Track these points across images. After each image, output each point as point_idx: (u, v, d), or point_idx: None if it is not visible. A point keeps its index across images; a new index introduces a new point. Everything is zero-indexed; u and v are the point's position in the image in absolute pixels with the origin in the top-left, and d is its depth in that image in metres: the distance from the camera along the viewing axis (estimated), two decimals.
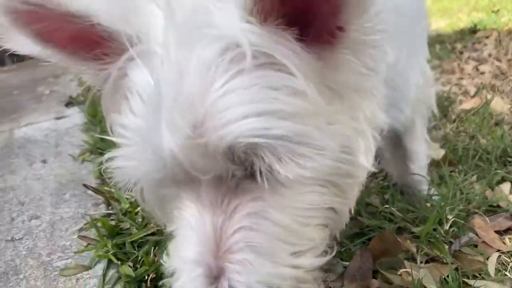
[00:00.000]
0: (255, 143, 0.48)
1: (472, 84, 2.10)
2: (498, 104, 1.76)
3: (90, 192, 1.37)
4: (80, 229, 1.18)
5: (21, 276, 1.04)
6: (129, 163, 0.55)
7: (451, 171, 1.29)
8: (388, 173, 1.27)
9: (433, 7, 3.94)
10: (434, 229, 1.00)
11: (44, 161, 1.76)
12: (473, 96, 1.92)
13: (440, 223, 1.01)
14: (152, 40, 0.53)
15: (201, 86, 0.49)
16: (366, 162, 0.59)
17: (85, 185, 1.33)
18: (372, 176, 1.31)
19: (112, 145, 0.58)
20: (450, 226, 1.00)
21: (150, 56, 0.53)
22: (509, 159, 1.33)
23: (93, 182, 1.48)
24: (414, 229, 1.00)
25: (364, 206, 1.12)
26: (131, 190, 0.61)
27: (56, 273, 1.03)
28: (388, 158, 1.20)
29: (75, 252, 1.08)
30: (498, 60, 2.38)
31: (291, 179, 0.52)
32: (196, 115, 0.48)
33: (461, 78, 2.23)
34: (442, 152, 1.33)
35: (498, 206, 1.12)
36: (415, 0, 0.98)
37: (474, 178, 1.24)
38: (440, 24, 3.44)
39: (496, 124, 1.62)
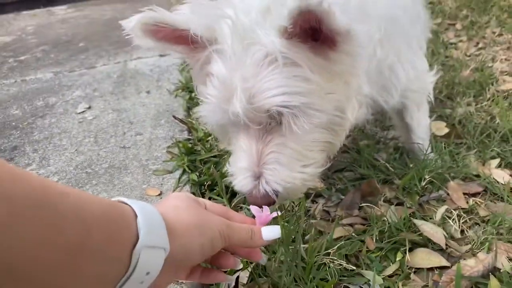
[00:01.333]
0: (281, 109, 0.84)
1: None
2: None
3: (177, 121, 1.87)
4: (168, 147, 1.66)
5: (128, 171, 1.56)
6: (208, 114, 0.93)
7: (457, 144, 1.58)
8: (398, 138, 1.59)
9: None
10: (415, 184, 1.34)
11: (148, 92, 2.27)
12: None
13: (420, 180, 1.34)
14: (224, 43, 0.86)
15: (253, 75, 0.83)
16: (351, 117, 0.95)
17: (174, 116, 1.82)
18: (385, 138, 1.65)
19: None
20: (426, 184, 1.34)
21: (222, 53, 0.86)
22: None
23: (181, 113, 1.95)
24: (396, 181, 1.35)
25: (370, 160, 1.47)
26: (208, 127, 1.04)
27: (150, 172, 1.51)
28: (397, 125, 1.52)
29: (163, 161, 1.56)
30: None
31: (302, 129, 0.87)
32: (250, 92, 0.83)
33: None
34: (446, 130, 1.58)
35: (478, 176, 1.40)
36: (411, 8, 1.24)
37: (473, 152, 1.52)
38: None
39: None
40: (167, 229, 0.56)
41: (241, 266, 0.90)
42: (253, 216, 0.79)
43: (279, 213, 0.92)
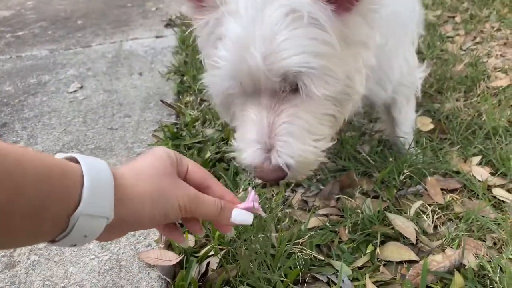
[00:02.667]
0: (299, 70, 0.80)
1: None
2: None
3: (165, 105, 1.88)
4: (155, 130, 1.68)
5: (113, 153, 1.57)
6: (217, 81, 0.88)
7: (442, 139, 1.58)
8: (383, 130, 1.59)
9: None
10: (394, 178, 1.35)
11: (140, 74, 2.27)
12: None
13: (399, 174, 1.35)
14: (237, 2, 0.82)
15: (270, 34, 0.78)
16: (360, 87, 0.92)
17: (162, 101, 1.82)
18: (370, 130, 1.66)
19: (192, 69, 1.00)
20: (405, 178, 1.35)
21: (236, 13, 0.82)
22: (498, 138, 1.56)
23: (171, 97, 1.96)
24: (375, 174, 1.37)
25: (352, 151, 1.48)
26: (213, 98, 0.97)
27: (134, 155, 1.53)
28: (383, 118, 1.52)
29: (148, 145, 1.59)
30: None
31: (318, 95, 0.84)
32: (266, 51, 0.78)
33: None
34: (431, 126, 1.59)
35: (458, 172, 1.41)
36: (409, 9, 1.25)
37: (456, 148, 1.53)
38: None
39: None
40: (117, 194, 0.55)
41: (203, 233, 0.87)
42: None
43: (264, 215, 0.89)
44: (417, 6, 1.39)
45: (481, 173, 1.38)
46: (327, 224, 1.19)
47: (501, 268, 0.99)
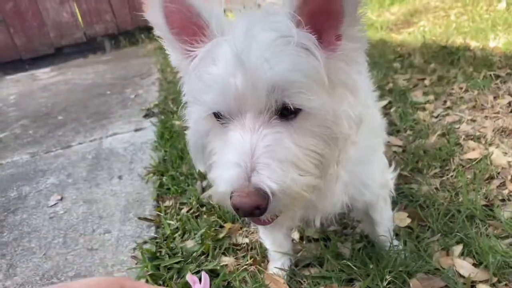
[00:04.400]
0: (287, 87, 0.81)
1: (492, 126, 2.15)
2: (499, 158, 1.91)
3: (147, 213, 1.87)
4: (134, 248, 1.65)
5: None
6: (208, 96, 0.86)
7: (422, 225, 1.58)
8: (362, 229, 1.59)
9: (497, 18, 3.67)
10: (377, 285, 1.33)
11: (120, 177, 2.28)
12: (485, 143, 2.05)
13: (382, 280, 1.34)
14: (232, 31, 0.85)
15: (261, 52, 0.80)
16: (347, 130, 0.89)
17: (139, 218, 1.82)
18: (352, 228, 1.65)
19: (171, 169, 0.98)
20: (388, 284, 1.33)
21: (230, 39, 0.83)
22: (477, 221, 1.56)
23: (150, 203, 1.97)
24: (357, 282, 1.35)
25: (334, 254, 1.47)
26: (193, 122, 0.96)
27: None
28: (363, 219, 1.52)
29: (128, 268, 1.56)
30: None
31: (308, 110, 0.83)
32: (256, 66, 0.79)
33: (486, 117, 2.27)
34: (408, 221, 1.59)
35: (442, 267, 1.40)
36: (379, 116, 1.33)
37: (436, 237, 1.52)
38: (500, 41, 3.21)
39: (490, 178, 1.81)
40: None
41: None
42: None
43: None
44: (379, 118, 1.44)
45: (464, 267, 1.37)
46: None
47: None
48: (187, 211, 1.82)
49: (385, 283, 1.32)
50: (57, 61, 6.36)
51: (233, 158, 0.82)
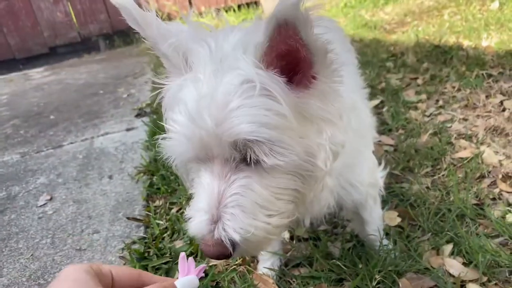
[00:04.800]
0: (250, 140, 0.78)
1: (484, 125, 2.15)
2: (490, 157, 1.91)
3: (136, 213, 1.85)
4: (122, 249, 1.64)
5: None
6: (172, 145, 0.86)
7: (412, 225, 1.57)
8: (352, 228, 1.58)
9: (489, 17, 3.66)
10: (366, 284, 1.32)
11: (110, 177, 2.26)
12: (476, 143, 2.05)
13: (371, 280, 1.33)
14: (199, 71, 0.84)
15: (224, 101, 0.79)
16: (323, 165, 0.87)
17: (128, 218, 1.80)
18: (342, 228, 1.64)
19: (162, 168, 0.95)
20: (378, 283, 1.32)
21: (196, 80, 0.83)
22: (467, 220, 1.55)
23: (140, 203, 1.95)
24: (346, 283, 1.34)
25: (324, 254, 1.46)
26: (172, 163, 0.93)
27: None
28: (352, 218, 1.51)
29: None
30: None
31: (270, 166, 0.81)
32: (218, 118, 0.78)
33: (478, 116, 2.27)
34: (398, 220, 1.58)
35: (432, 267, 1.39)
36: (368, 116, 1.32)
37: (427, 237, 1.51)
38: (493, 40, 3.19)
39: (481, 177, 1.80)
40: None
41: None
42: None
43: (206, 267, 0.86)
44: (369, 114, 1.43)
45: (454, 266, 1.36)
46: None
47: None
48: (177, 211, 1.81)
49: (374, 283, 1.31)
50: (52, 61, 6.32)
51: (202, 205, 0.84)
